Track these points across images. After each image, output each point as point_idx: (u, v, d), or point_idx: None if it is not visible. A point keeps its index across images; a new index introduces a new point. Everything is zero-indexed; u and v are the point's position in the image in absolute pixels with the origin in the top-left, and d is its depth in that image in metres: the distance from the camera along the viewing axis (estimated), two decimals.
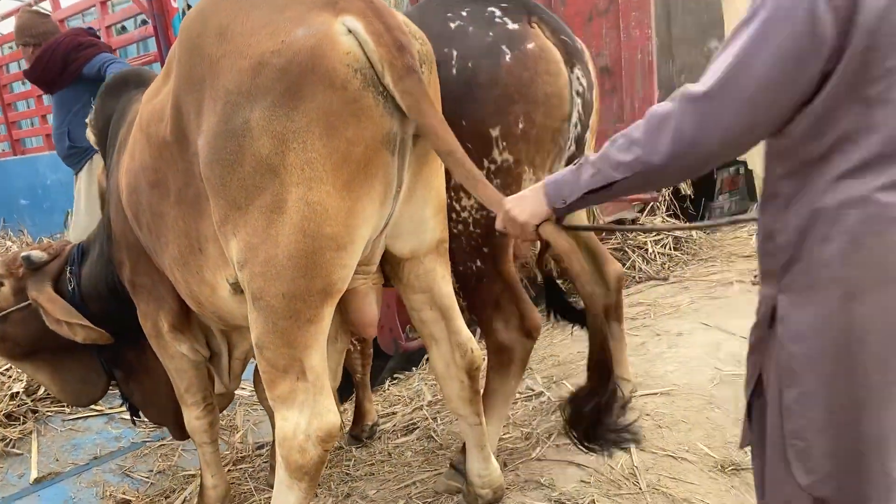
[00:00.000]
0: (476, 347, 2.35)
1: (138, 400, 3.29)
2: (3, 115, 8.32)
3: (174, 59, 2.13)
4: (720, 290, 4.52)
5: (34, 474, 3.70)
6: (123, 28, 6.74)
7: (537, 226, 1.78)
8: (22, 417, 4.17)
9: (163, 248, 2.34)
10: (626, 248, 5.69)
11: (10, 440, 3.98)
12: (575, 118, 2.53)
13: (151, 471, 3.74)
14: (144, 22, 5.83)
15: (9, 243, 8.20)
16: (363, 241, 1.97)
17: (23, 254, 3.04)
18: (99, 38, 5.09)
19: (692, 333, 3.83)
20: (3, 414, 4.12)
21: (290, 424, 1.96)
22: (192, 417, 2.89)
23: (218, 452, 3.03)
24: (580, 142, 2.61)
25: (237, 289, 2.13)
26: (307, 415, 1.96)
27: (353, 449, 3.49)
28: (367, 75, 1.82)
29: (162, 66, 5.18)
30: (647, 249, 5.72)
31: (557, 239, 1.81)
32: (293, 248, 1.85)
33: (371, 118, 1.84)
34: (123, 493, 3.50)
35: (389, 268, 2.27)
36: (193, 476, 3.57)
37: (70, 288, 3.00)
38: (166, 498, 3.44)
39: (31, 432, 4.05)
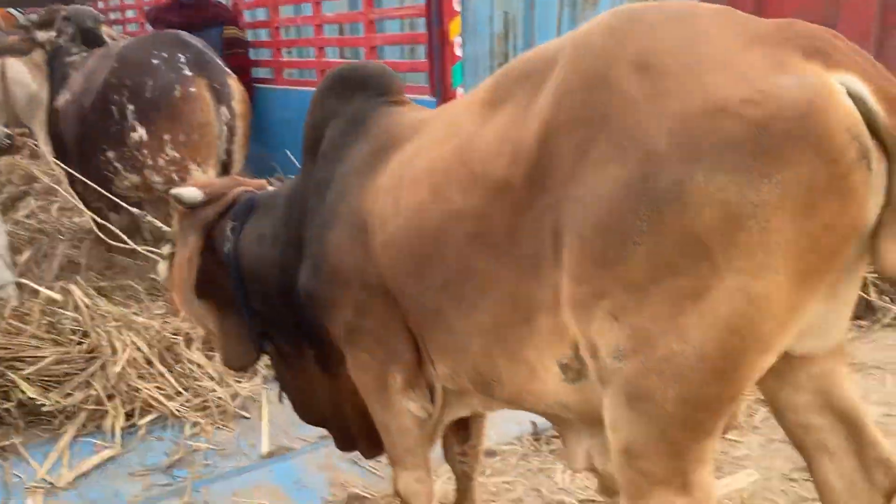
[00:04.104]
0: None
1: (289, 391, 2.90)
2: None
3: (517, 85, 1.79)
4: None
5: (265, 447, 3.54)
6: None
7: None
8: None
9: (462, 312, 1.94)
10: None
11: (241, 398, 3.86)
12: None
13: (380, 461, 3.50)
14: None
15: None
16: (784, 346, 1.56)
17: (173, 190, 2.67)
18: None
19: None
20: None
21: None
22: (413, 480, 2.46)
23: None
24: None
25: (569, 373, 1.78)
26: None
27: None
28: (864, 145, 1.39)
29: (430, 26, 5.10)
30: None
31: None
32: (711, 347, 1.46)
33: (855, 200, 1.41)
34: (354, 487, 3.30)
35: None
36: None
37: (226, 249, 2.59)
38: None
39: (260, 393, 3.92)
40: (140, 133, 4.64)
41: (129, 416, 3.64)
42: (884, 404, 3.57)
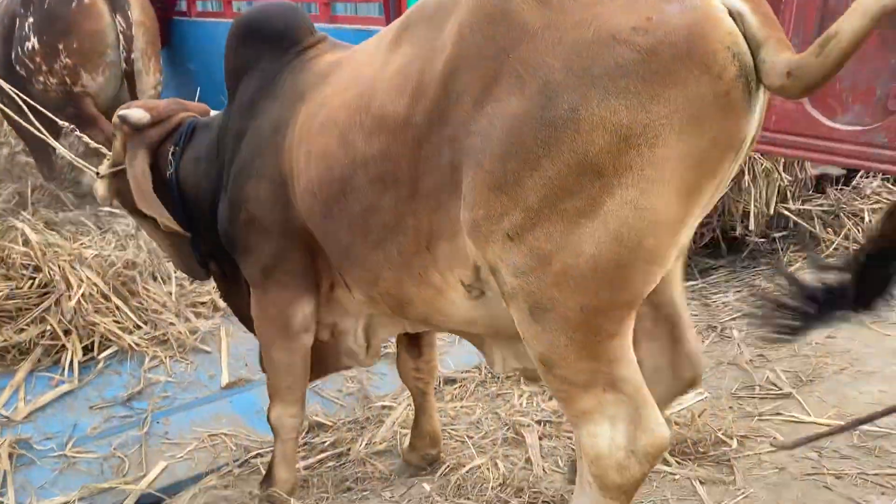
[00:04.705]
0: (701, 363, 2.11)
1: (231, 303, 2.95)
2: None
3: (421, 24, 1.87)
4: None
5: (225, 379, 3.56)
6: None
7: None
8: (207, 309, 4.06)
9: (369, 247, 2.06)
10: (841, 214, 5.07)
11: (200, 332, 3.85)
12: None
13: (341, 391, 3.56)
14: None
15: None
16: (674, 256, 1.66)
17: (120, 111, 2.67)
18: None
19: None
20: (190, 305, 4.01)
21: (604, 441, 1.73)
22: (287, 415, 2.62)
23: (297, 447, 2.81)
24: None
25: (473, 291, 1.90)
26: (626, 429, 1.72)
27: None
28: (743, 63, 1.49)
29: None
30: (862, 217, 5.07)
31: None
32: (602, 259, 1.57)
33: (737, 115, 1.52)
34: (315, 416, 3.35)
35: None
36: (388, 407, 3.38)
37: (169, 174, 2.65)
38: (362, 428, 3.26)
39: (219, 328, 3.92)
40: (33, 42, 4.92)
41: (87, 350, 3.61)
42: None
